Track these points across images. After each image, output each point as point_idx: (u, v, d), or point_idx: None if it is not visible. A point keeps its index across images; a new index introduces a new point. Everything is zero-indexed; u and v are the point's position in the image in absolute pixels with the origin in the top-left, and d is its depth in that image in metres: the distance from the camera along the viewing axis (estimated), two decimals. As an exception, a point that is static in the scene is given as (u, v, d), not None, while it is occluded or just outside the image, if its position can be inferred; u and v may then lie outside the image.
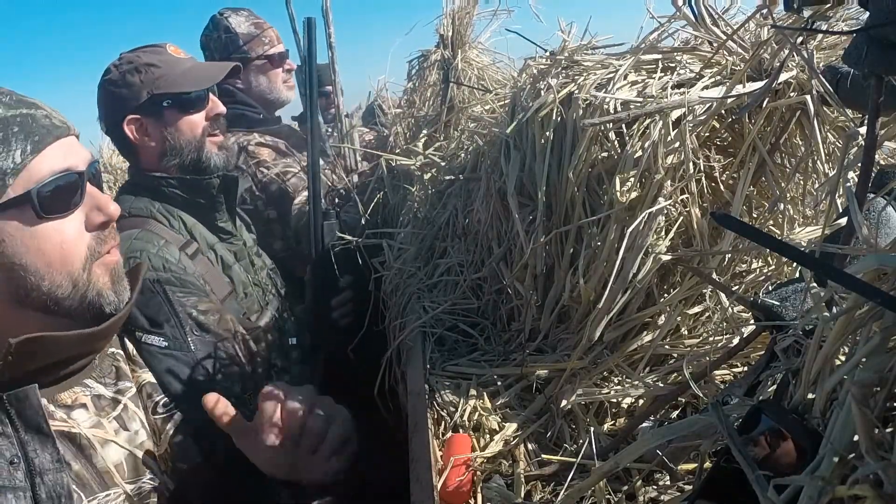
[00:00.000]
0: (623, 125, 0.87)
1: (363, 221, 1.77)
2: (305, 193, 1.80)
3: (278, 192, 2.06)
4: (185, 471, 1.04)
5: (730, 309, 0.88)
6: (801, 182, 0.95)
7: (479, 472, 0.75)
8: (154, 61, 1.50)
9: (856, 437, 0.38)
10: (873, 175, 0.61)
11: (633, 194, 0.84)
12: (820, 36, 0.90)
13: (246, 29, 2.24)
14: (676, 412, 0.81)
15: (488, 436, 0.81)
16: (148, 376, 1.09)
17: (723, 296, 0.86)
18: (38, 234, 0.86)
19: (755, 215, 0.96)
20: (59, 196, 0.88)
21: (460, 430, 0.83)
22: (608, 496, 0.67)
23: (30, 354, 0.86)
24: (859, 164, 0.55)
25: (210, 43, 2.26)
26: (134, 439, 0.99)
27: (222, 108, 1.58)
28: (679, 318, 0.90)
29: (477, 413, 0.85)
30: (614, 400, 0.84)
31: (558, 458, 0.74)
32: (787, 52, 0.81)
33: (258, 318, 1.54)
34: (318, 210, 1.68)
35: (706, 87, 0.86)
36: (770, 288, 0.84)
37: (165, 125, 1.50)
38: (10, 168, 0.84)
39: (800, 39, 0.80)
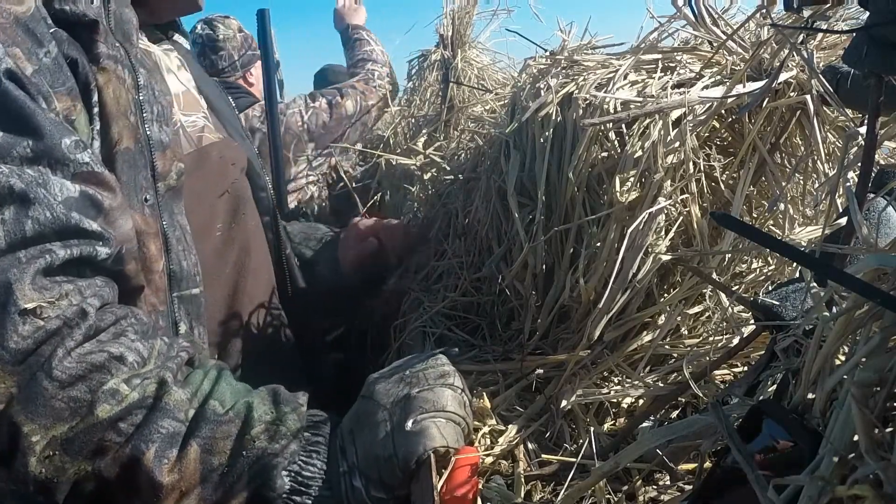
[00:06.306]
0: (623, 125, 0.87)
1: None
2: None
3: None
4: None
5: (730, 309, 0.88)
6: (801, 182, 0.95)
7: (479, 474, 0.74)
8: None
9: (856, 437, 0.39)
10: (873, 175, 0.61)
11: (633, 194, 0.84)
12: (820, 36, 0.90)
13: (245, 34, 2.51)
14: (676, 412, 0.80)
15: (489, 438, 0.81)
16: None
17: (723, 296, 0.86)
18: None
19: (755, 215, 0.97)
20: None
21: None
22: (608, 496, 0.67)
23: None
24: (859, 164, 0.55)
25: (227, 43, 2.46)
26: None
27: None
28: (679, 318, 0.90)
29: (477, 413, 0.85)
30: (614, 400, 0.84)
31: (558, 458, 0.74)
32: (787, 51, 0.81)
33: None
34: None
35: (706, 87, 0.86)
36: (770, 288, 0.85)
37: None
38: None
39: (800, 39, 0.80)
